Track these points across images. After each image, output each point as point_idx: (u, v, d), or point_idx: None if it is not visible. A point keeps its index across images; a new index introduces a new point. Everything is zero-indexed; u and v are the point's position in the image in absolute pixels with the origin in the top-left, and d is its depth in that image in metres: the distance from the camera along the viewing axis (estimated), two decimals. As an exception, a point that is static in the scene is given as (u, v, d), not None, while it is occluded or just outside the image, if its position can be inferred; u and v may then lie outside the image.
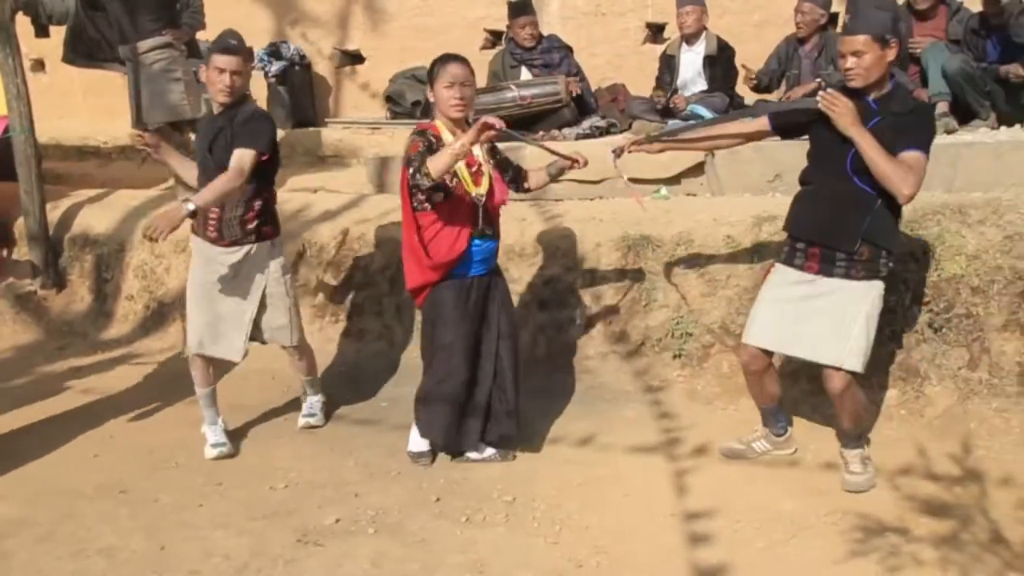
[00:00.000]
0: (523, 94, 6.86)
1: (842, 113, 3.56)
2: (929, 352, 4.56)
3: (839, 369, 3.73)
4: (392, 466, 4.29)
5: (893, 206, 3.70)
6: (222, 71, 4.20)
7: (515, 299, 5.41)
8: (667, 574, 3.36)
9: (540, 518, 3.77)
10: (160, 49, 6.52)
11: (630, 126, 6.93)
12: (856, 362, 3.73)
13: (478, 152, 4.11)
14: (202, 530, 3.77)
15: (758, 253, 4.97)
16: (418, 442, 4.34)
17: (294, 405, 5.01)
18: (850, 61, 3.60)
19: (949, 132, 5.75)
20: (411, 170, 3.87)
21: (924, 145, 3.66)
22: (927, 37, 6.31)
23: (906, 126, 3.63)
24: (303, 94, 8.89)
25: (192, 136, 7.48)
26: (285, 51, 8.80)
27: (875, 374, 4.61)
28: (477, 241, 4.12)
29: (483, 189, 4.12)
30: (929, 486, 3.88)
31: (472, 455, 4.30)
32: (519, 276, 5.48)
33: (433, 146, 3.92)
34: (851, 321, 3.72)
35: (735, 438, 4.25)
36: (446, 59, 4.08)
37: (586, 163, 4.39)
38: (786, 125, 4.00)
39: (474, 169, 4.10)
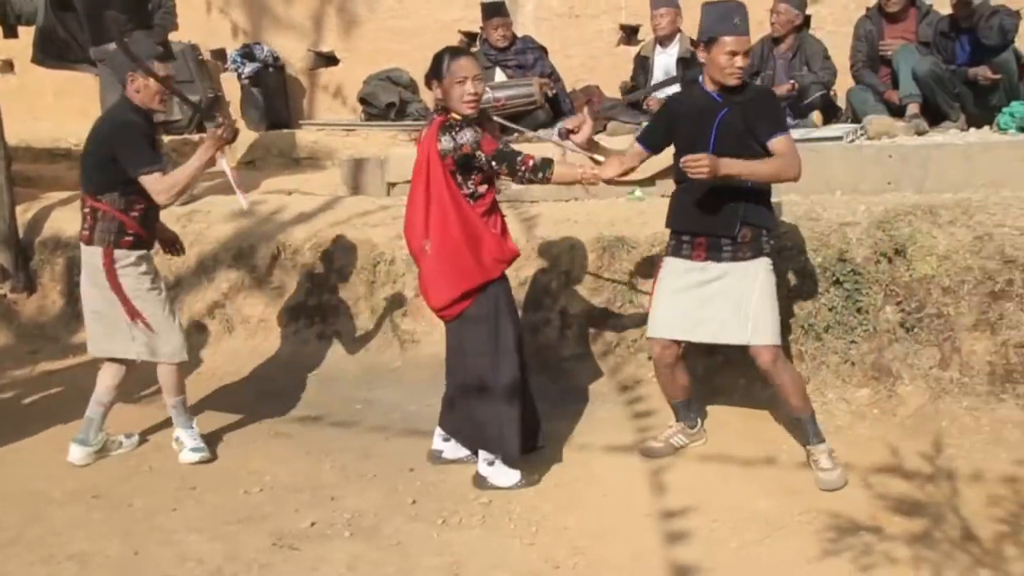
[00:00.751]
0: (497, 96, 6.86)
1: (709, 168, 3.58)
2: (901, 352, 4.60)
3: (763, 345, 3.86)
4: (368, 469, 4.27)
5: (764, 187, 3.89)
6: None
7: (490, 301, 5.42)
8: (643, 574, 3.37)
9: (516, 519, 3.77)
10: (132, 50, 6.45)
11: (605, 127, 6.95)
12: (767, 336, 3.86)
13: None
14: (176, 534, 3.73)
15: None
16: (510, 474, 4.05)
17: (268, 408, 4.98)
18: (741, 60, 3.75)
19: (920, 133, 5.81)
20: (531, 164, 3.89)
21: (783, 125, 3.86)
22: (898, 39, 6.39)
23: (759, 113, 3.80)
24: (277, 96, 8.86)
25: (165, 138, 7.45)
26: (258, 53, 8.77)
27: (847, 374, 4.66)
28: None
29: None
30: (901, 484, 3.92)
31: (450, 455, 4.30)
32: (494, 278, 5.48)
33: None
34: (747, 299, 3.86)
35: (652, 437, 4.32)
36: (455, 53, 3.96)
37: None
38: (654, 141, 4.09)
39: None
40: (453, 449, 4.30)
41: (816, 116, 6.55)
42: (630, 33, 8.16)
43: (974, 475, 3.95)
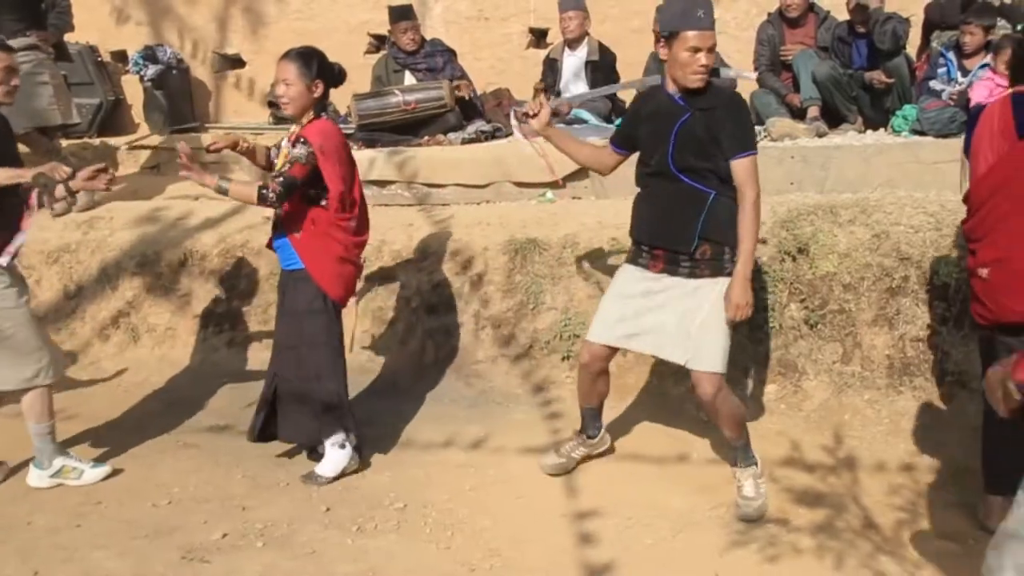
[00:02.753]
0: (407, 99, 6.83)
1: (746, 308, 3.59)
2: (806, 347, 4.73)
3: (703, 372, 3.64)
4: (280, 477, 4.21)
5: (733, 201, 3.60)
6: None
7: (403, 304, 5.41)
8: (559, 575, 3.39)
9: (432, 524, 3.76)
10: (25, 51, 6.21)
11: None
12: (709, 363, 3.63)
13: (285, 145, 4.09)
14: (79, 551, 3.61)
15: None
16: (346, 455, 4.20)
17: (177, 419, 4.86)
18: (705, 58, 3.50)
19: (820, 135, 5.99)
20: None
21: (752, 143, 3.62)
22: (798, 44, 6.56)
23: (726, 124, 3.56)
24: (181, 98, 8.67)
25: (63, 142, 7.22)
26: (161, 55, 8.56)
27: (755, 370, 4.77)
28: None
29: None
30: (806, 477, 4.03)
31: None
32: (407, 281, 5.46)
33: None
34: (692, 318, 3.65)
35: (552, 452, 4.18)
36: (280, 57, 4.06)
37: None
38: (623, 141, 3.95)
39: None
40: None
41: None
42: (539, 36, 8.21)
43: (875, 465, 4.10)
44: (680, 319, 3.66)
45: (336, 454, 4.15)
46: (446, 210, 6.02)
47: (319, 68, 4.03)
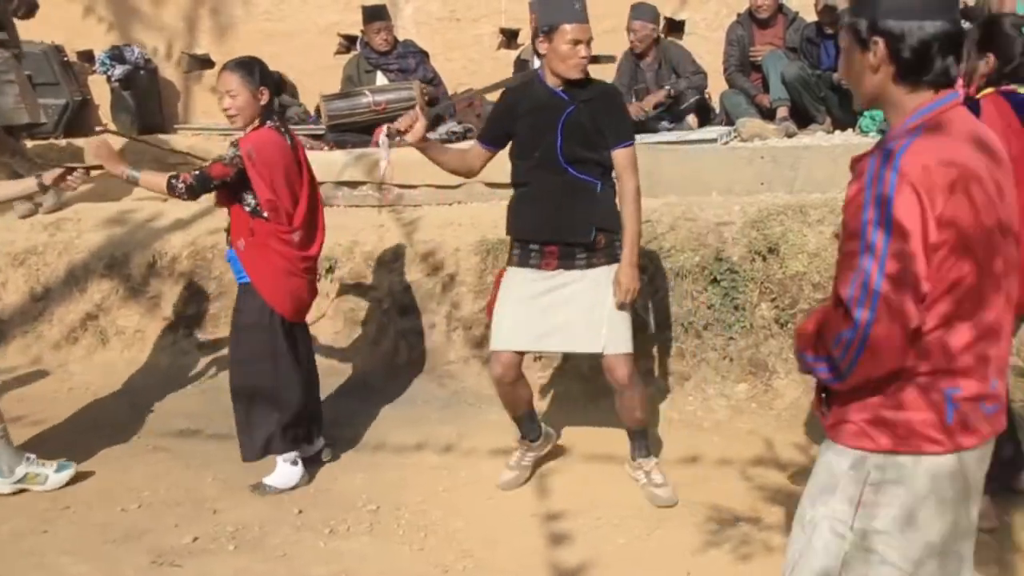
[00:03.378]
0: (377, 99, 6.81)
1: (634, 289, 3.65)
2: (776, 347, 4.76)
3: (618, 355, 3.72)
4: (252, 480, 4.17)
5: (613, 190, 3.75)
6: None
7: (375, 306, 5.39)
8: (531, 575, 3.39)
9: (405, 526, 3.75)
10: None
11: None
12: (622, 345, 3.72)
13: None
14: (47, 557, 3.57)
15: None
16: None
17: (147, 422, 4.83)
18: (585, 50, 3.58)
19: (789, 135, 6.03)
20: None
21: (631, 134, 3.76)
22: (767, 45, 6.61)
23: (607, 114, 3.68)
24: (149, 99, 8.57)
25: (29, 143, 7.13)
26: (129, 55, 8.47)
27: (727, 370, 4.79)
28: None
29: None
30: (778, 475, 4.06)
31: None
32: (379, 283, 5.45)
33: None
34: (600, 306, 3.69)
35: (505, 468, 4.10)
36: (224, 66, 4.03)
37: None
38: (494, 138, 3.87)
39: None
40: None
41: (692, 119, 6.72)
42: (510, 37, 8.21)
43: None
44: (589, 310, 3.71)
45: (287, 469, 4.11)
46: (417, 211, 6.01)
47: (261, 75, 3.99)
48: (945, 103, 1.90)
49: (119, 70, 8.31)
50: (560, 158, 3.65)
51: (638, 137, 6.15)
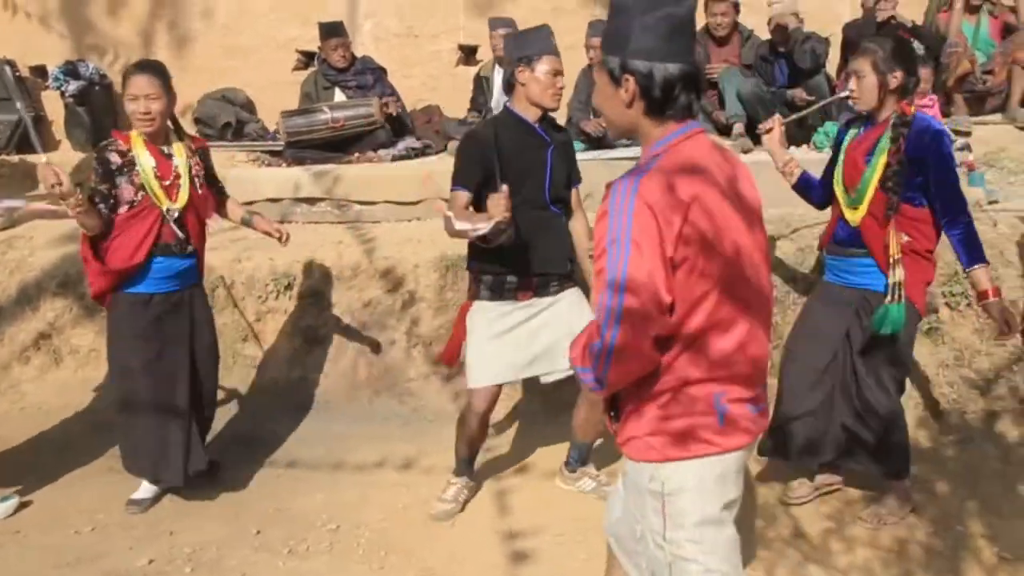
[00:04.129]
0: (336, 116, 6.80)
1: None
2: (735, 360, 4.79)
3: None
4: (210, 500, 4.13)
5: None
6: None
7: (334, 323, 5.36)
8: (493, 592, 3.39)
9: (365, 544, 3.72)
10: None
11: (446, 147, 6.99)
12: None
13: (179, 163, 4.01)
14: (-2, 583, 3.51)
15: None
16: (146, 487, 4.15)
17: (101, 443, 4.74)
18: (561, 81, 3.72)
19: (745, 152, 6.10)
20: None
21: (579, 175, 4.03)
22: (723, 63, 6.69)
23: (570, 157, 3.96)
24: (104, 115, 8.47)
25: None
26: (83, 70, 8.38)
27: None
28: (160, 258, 3.99)
29: (178, 204, 4.01)
30: (737, 488, 4.06)
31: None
32: (338, 299, 5.42)
33: (111, 165, 3.92)
34: (580, 324, 3.60)
35: (437, 500, 3.99)
36: (133, 69, 3.93)
37: (287, 239, 4.35)
38: (476, 183, 3.68)
39: (168, 182, 3.97)
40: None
41: (649, 135, 6.77)
42: (469, 53, 8.24)
43: (805, 474, 4.16)
44: (570, 330, 3.67)
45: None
46: (376, 227, 5.99)
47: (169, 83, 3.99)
48: (685, 132, 2.08)
49: (73, 85, 8.21)
50: (546, 197, 3.78)
51: (596, 153, 6.25)
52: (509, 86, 3.78)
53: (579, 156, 4.32)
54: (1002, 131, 6.38)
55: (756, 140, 6.33)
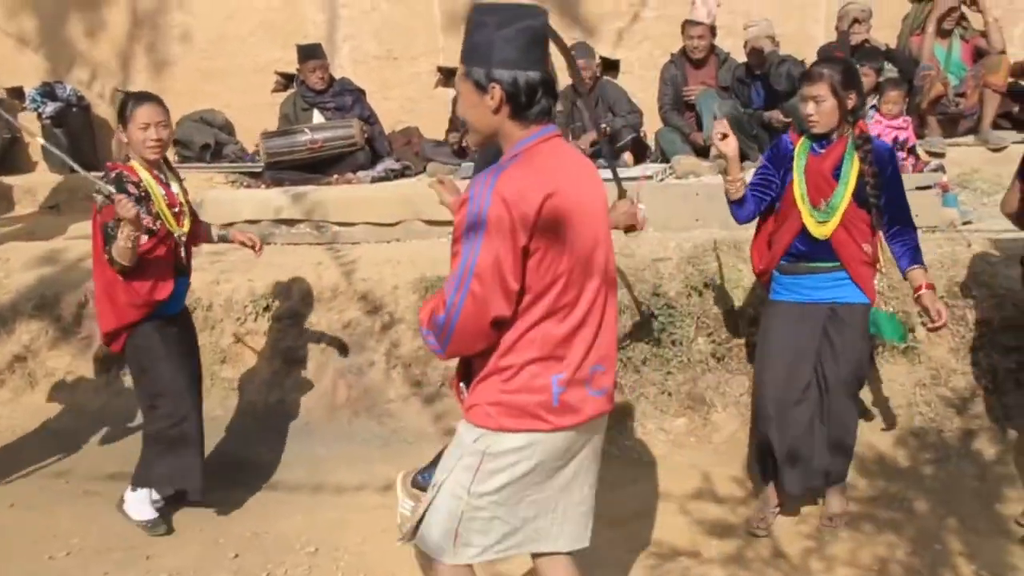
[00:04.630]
0: (315, 137, 6.81)
1: None
2: (714, 381, 4.82)
3: None
4: (187, 522, 4.09)
5: None
6: None
7: (313, 344, 5.34)
8: (474, 614, 3.36)
9: (344, 568, 3.70)
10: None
11: (424, 169, 7.01)
12: None
13: (177, 190, 4.08)
14: (-29, 609, 3.46)
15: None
16: (146, 509, 4.10)
17: (78, 465, 4.70)
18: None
19: (723, 172, 6.13)
20: (108, 248, 3.78)
21: None
22: (700, 85, 6.76)
23: None
24: (82, 137, 8.46)
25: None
26: (60, 92, 8.36)
27: (665, 405, 4.83)
28: (179, 279, 4.09)
29: (185, 229, 4.08)
30: (717, 509, 4.09)
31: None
32: (317, 320, 5.40)
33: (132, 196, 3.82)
34: None
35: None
36: (140, 98, 3.98)
37: (260, 248, 4.37)
38: None
39: (176, 210, 4.03)
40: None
41: (628, 156, 6.83)
42: (448, 75, 8.27)
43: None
44: None
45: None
46: (356, 249, 5.99)
47: None
48: (543, 135, 2.30)
49: (51, 107, 8.20)
50: None
51: (575, 174, 6.26)
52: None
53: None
54: (975, 153, 6.46)
55: (734, 161, 6.40)
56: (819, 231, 3.67)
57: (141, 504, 4.09)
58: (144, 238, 3.82)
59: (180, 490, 4.13)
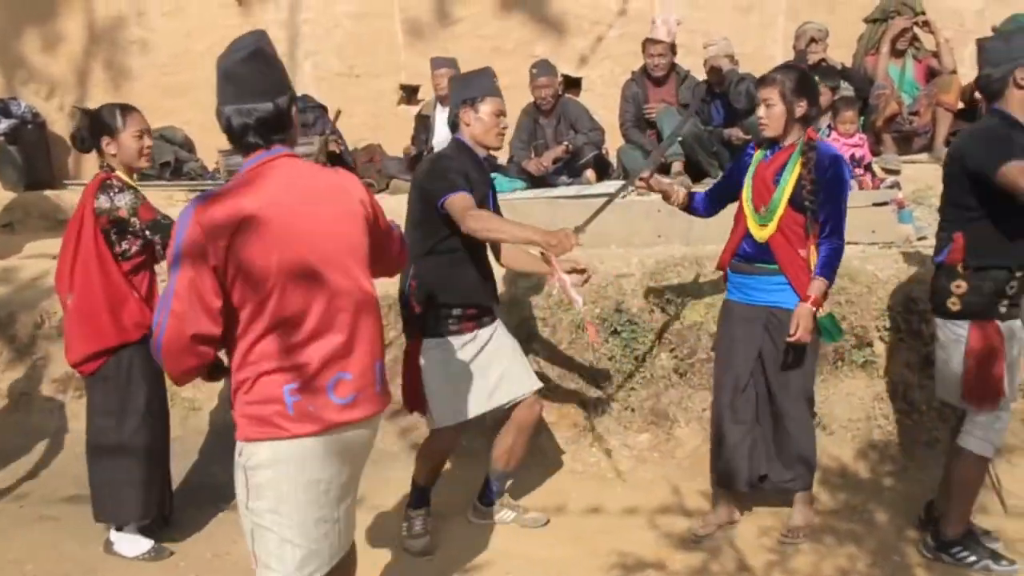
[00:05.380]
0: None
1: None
2: (676, 396, 4.85)
3: (533, 395, 3.96)
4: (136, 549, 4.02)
5: None
6: None
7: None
8: (439, 633, 3.35)
9: (308, 588, 3.65)
10: None
11: (387, 185, 7.00)
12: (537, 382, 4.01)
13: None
14: (-77, 638, 3.37)
15: (514, 308, 5.12)
16: (140, 540, 4.01)
17: (33, 489, 4.62)
18: (504, 121, 3.92)
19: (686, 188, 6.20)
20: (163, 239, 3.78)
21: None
22: (661, 102, 6.82)
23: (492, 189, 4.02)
24: (37, 154, 8.32)
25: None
26: (15, 108, 8.23)
27: (628, 420, 4.85)
28: None
29: None
30: (683, 522, 4.11)
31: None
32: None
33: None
34: (518, 349, 4.01)
35: (408, 538, 3.98)
36: (127, 108, 3.98)
37: None
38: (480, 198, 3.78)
39: None
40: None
41: (590, 173, 6.87)
42: (411, 93, 8.28)
43: (746, 508, 4.20)
44: (515, 353, 3.97)
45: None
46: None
47: None
48: (263, 158, 2.47)
49: (4, 124, 8.06)
50: None
51: (538, 192, 6.30)
52: (454, 126, 3.88)
53: (521, 194, 4.41)
54: (929, 170, 6.57)
55: (695, 178, 6.47)
56: (759, 234, 3.80)
57: (132, 539, 3.99)
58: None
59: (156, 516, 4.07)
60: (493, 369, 3.84)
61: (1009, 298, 3.51)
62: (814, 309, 3.66)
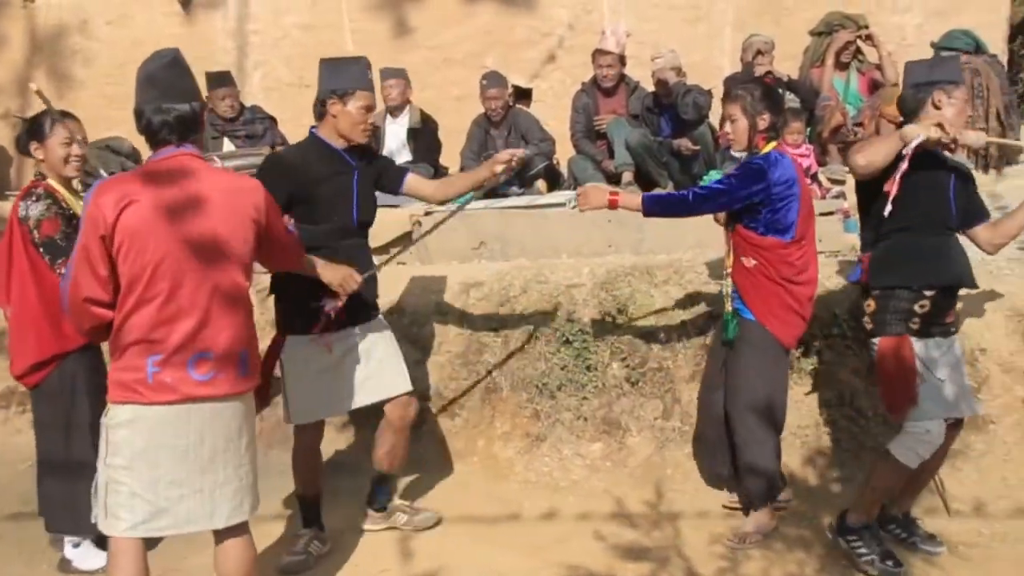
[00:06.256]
0: (224, 166, 6.68)
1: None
2: (628, 405, 4.87)
3: (406, 395, 3.93)
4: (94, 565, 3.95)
5: None
6: None
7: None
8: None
9: (258, 603, 3.61)
10: None
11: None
12: (409, 383, 3.96)
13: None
14: None
15: (466, 319, 5.12)
16: (97, 554, 3.93)
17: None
18: (371, 117, 3.91)
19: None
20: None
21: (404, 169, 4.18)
22: (611, 113, 6.87)
23: (379, 171, 4.00)
24: (-25, 165, 8.16)
25: None
26: (-46, 118, 8.06)
27: (580, 430, 4.86)
28: None
29: None
30: (631, 532, 4.13)
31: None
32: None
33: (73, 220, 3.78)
34: (397, 350, 3.97)
35: (286, 553, 3.93)
36: (60, 114, 3.90)
37: None
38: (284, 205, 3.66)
39: None
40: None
41: (541, 184, 6.89)
42: (362, 103, 8.24)
43: (697, 516, 4.25)
44: (390, 355, 3.92)
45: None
46: (266, 277, 5.87)
47: None
48: (161, 156, 2.84)
49: (-56, 134, 7.89)
50: (355, 222, 3.82)
51: (488, 202, 6.31)
52: (320, 115, 3.84)
53: (472, 205, 4.40)
54: (874, 180, 6.70)
55: (645, 188, 6.52)
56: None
57: (87, 554, 3.94)
58: None
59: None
60: (360, 367, 3.82)
61: (921, 316, 3.59)
62: (604, 204, 3.86)
